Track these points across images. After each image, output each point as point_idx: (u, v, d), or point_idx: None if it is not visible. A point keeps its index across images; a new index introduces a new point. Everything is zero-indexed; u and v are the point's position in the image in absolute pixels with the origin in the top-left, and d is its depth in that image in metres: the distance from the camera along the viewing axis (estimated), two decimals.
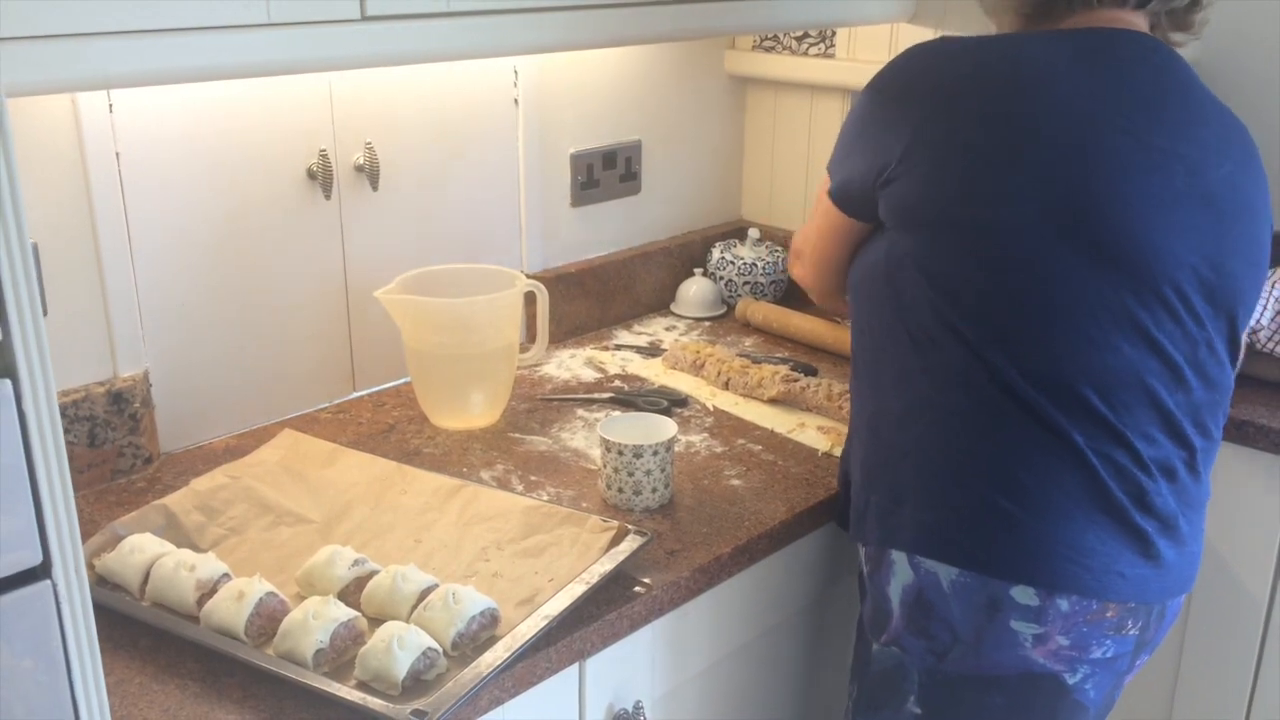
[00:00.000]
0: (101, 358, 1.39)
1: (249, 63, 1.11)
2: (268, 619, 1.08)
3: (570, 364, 1.81)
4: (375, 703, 0.98)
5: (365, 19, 1.15)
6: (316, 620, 1.05)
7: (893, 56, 1.18)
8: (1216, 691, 1.76)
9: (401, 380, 1.70)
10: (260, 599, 1.08)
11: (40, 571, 0.74)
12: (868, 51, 1.96)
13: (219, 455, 1.46)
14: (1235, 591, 1.72)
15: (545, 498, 1.36)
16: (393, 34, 1.17)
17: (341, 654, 1.06)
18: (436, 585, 1.12)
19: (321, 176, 1.54)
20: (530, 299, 1.67)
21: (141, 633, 1.10)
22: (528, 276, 1.78)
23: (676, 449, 1.42)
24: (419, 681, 1.03)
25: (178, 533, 1.24)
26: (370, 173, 1.59)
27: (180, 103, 1.40)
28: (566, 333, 1.92)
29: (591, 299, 1.95)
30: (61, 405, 1.34)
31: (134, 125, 1.36)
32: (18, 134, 1.27)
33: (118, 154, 1.36)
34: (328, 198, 1.56)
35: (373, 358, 1.69)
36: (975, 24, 1.33)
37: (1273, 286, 1.72)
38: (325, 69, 1.22)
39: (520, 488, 1.39)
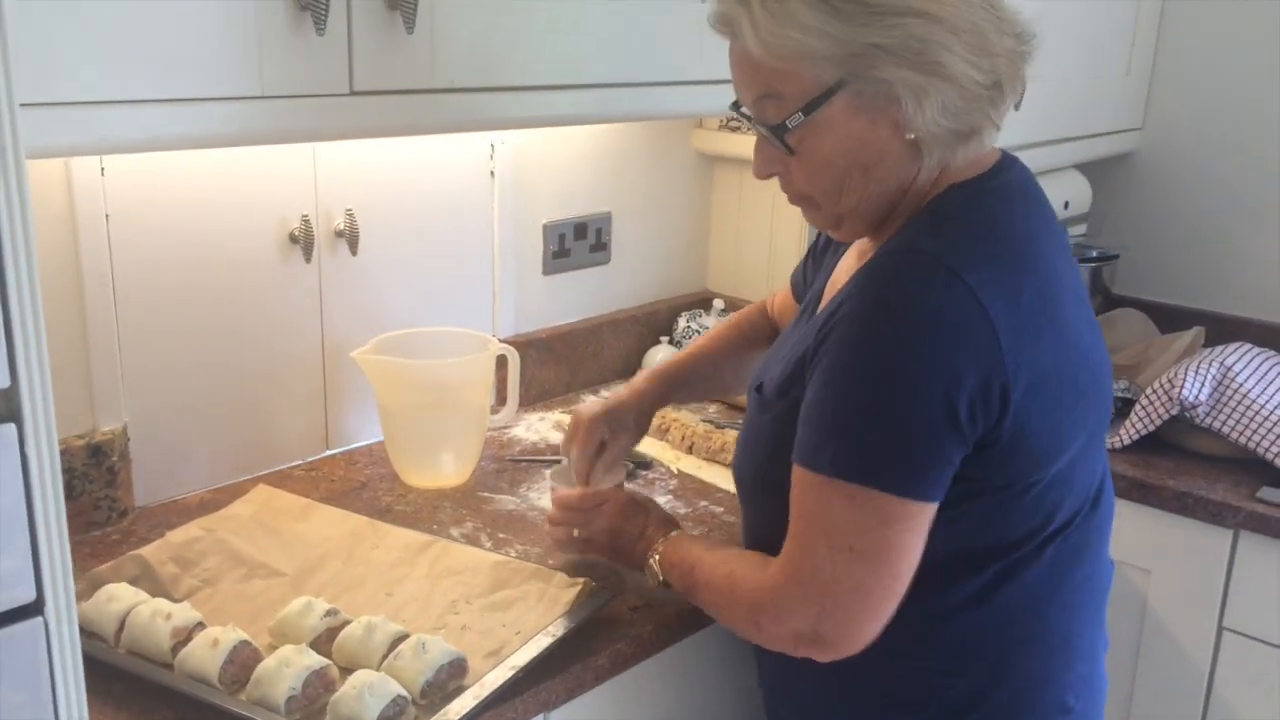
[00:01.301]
0: (81, 411, 1.43)
1: (242, 132, 1.16)
2: (241, 667, 1.11)
3: (539, 426, 1.86)
4: None
5: (353, 94, 1.22)
6: (289, 668, 1.08)
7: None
8: None
9: (374, 440, 1.74)
10: (234, 646, 1.11)
11: (33, 609, 0.77)
12: None
13: (193, 510, 1.49)
14: (1178, 658, 1.78)
15: (513, 554, 1.40)
16: (377, 108, 1.24)
17: (313, 701, 1.08)
18: (407, 635, 1.15)
19: (303, 240, 1.60)
20: (502, 362, 1.72)
21: (115, 679, 1.12)
22: (500, 341, 1.84)
23: None
24: None
25: (153, 583, 1.27)
26: (350, 238, 1.65)
27: (170, 167, 1.45)
28: (536, 396, 1.97)
29: (561, 364, 2.00)
30: None
31: (124, 187, 1.42)
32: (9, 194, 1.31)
33: (107, 215, 1.40)
34: (308, 261, 1.61)
35: (347, 417, 1.73)
36: None
37: (1209, 365, 1.81)
38: (313, 139, 1.28)
39: (489, 544, 1.43)
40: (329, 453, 1.71)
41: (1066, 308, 1.04)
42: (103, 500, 1.44)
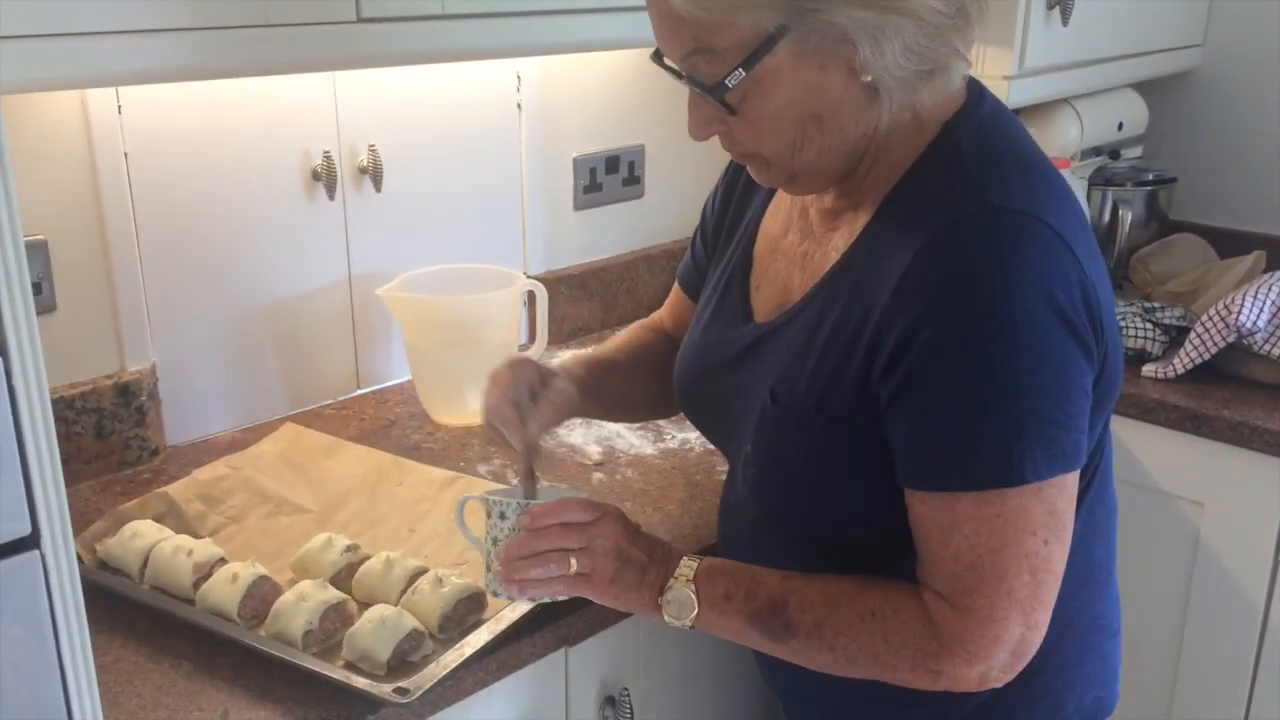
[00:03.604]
0: (109, 352, 1.43)
1: (247, 62, 1.14)
2: (260, 601, 1.11)
3: None
4: (359, 681, 1.01)
5: (361, 21, 1.18)
6: (306, 602, 1.07)
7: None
8: (1215, 695, 1.76)
9: (405, 378, 1.73)
10: (253, 581, 1.11)
11: (29, 542, 0.77)
12: None
13: (224, 448, 1.50)
14: (1232, 592, 1.73)
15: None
16: (387, 36, 1.21)
17: (331, 635, 1.08)
18: (426, 570, 1.14)
19: (326, 177, 1.58)
20: (533, 300, 1.70)
21: (139, 614, 1.13)
22: (530, 278, 1.82)
23: (671, 445, 1.44)
24: (405, 663, 1.05)
25: (178, 520, 1.27)
26: (374, 174, 1.63)
27: (188, 105, 1.44)
28: (569, 334, 1.94)
29: (594, 301, 1.97)
30: (69, 397, 1.38)
31: (142, 126, 1.40)
32: (28, 132, 1.31)
33: (126, 154, 1.40)
34: (331, 198, 1.60)
35: (377, 356, 1.72)
36: None
37: (1269, 290, 1.73)
38: (320, 69, 1.25)
39: (515, 482, 1.42)
40: (359, 391, 1.71)
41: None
42: (133, 439, 1.45)
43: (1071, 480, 0.88)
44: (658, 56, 0.94)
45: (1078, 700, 1.03)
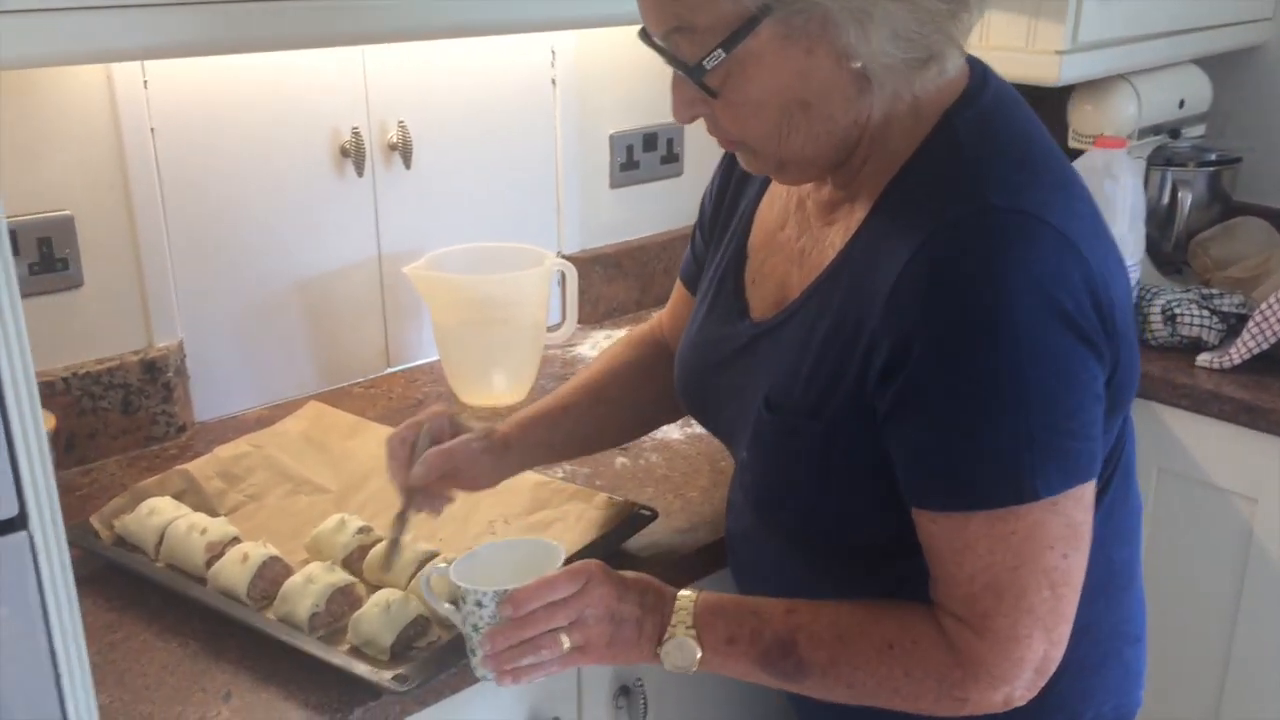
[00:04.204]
0: (136, 328, 1.44)
1: (267, 37, 1.13)
2: (270, 582, 1.10)
3: (604, 344, 1.80)
4: (360, 667, 0.99)
5: None
6: (314, 585, 1.07)
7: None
8: (1266, 696, 1.70)
9: (436, 357, 1.72)
10: (264, 562, 1.10)
11: (17, 523, 0.76)
12: None
13: (251, 425, 1.49)
14: None
15: (560, 475, 1.36)
16: (406, 8, 1.18)
17: (338, 619, 1.07)
18: (435, 554, 1.13)
19: (354, 154, 1.56)
20: (565, 280, 1.67)
21: (152, 592, 1.13)
22: (565, 257, 1.79)
23: (698, 429, 1.40)
24: (411, 649, 1.04)
25: (198, 497, 1.27)
26: (404, 150, 1.61)
27: (216, 80, 1.43)
28: (604, 314, 1.92)
29: (630, 281, 1.94)
30: (96, 373, 1.39)
31: (169, 101, 1.40)
32: (53, 107, 1.31)
33: (153, 129, 1.39)
34: (360, 175, 1.58)
35: (407, 334, 1.71)
36: None
37: None
38: (344, 44, 1.24)
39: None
40: (389, 370, 1.70)
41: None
42: (160, 415, 1.45)
43: (1089, 489, 0.84)
44: (645, 34, 0.89)
45: (1096, 709, 0.98)
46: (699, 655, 0.91)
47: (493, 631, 0.91)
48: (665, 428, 1.49)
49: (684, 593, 0.94)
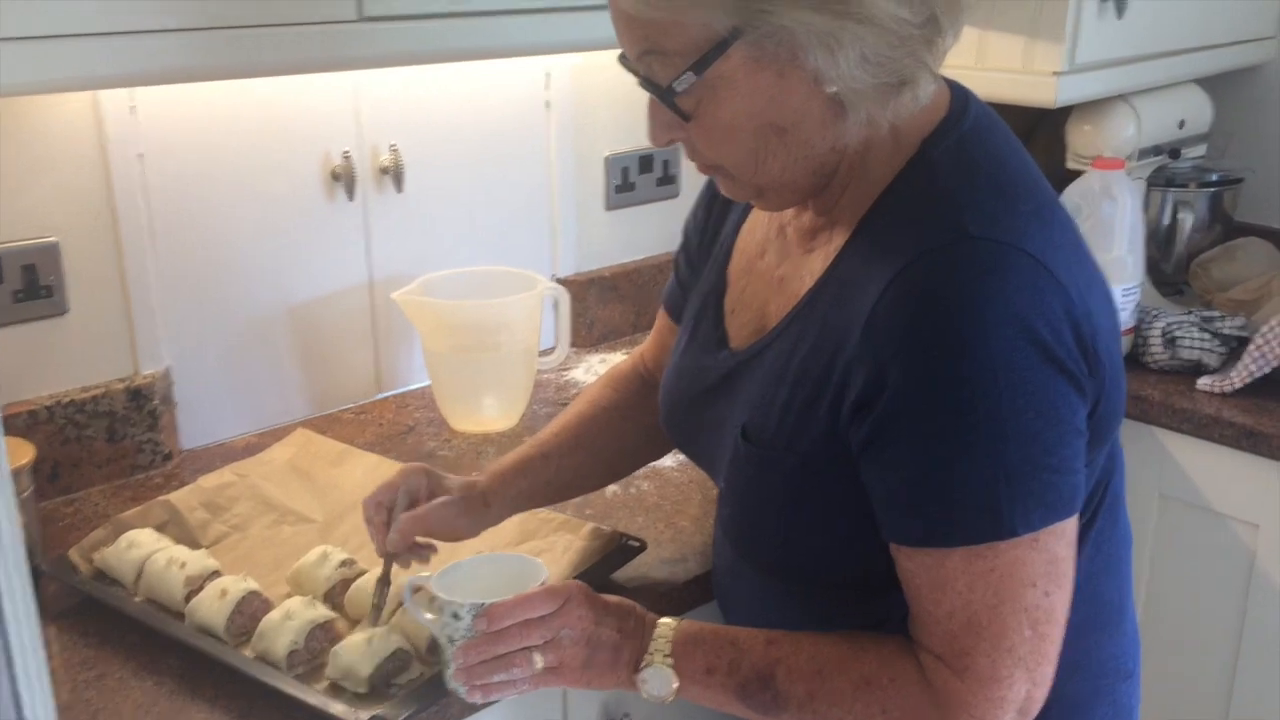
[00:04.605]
0: (122, 355, 1.42)
1: (244, 63, 1.11)
2: (249, 618, 1.08)
3: (599, 369, 1.79)
4: (336, 707, 0.97)
5: (362, 19, 1.15)
6: (292, 621, 1.05)
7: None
8: (1273, 707, 1.67)
9: (428, 383, 1.70)
10: (242, 597, 1.08)
11: None
12: None
13: (239, 453, 1.48)
14: None
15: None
16: (388, 35, 1.17)
17: (317, 655, 1.05)
18: (420, 588, 1.11)
19: (345, 178, 1.55)
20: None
21: (129, 628, 1.11)
22: (560, 280, 1.78)
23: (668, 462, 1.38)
24: (391, 685, 1.02)
25: (180, 529, 1.26)
26: (395, 174, 1.60)
27: (204, 105, 1.42)
28: (599, 338, 1.90)
29: (626, 304, 1.93)
30: (81, 401, 1.37)
31: (157, 127, 1.39)
32: (39, 133, 1.30)
33: (141, 155, 1.38)
34: (351, 199, 1.57)
35: (398, 360, 1.69)
36: None
37: None
38: (323, 70, 1.23)
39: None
40: (380, 396, 1.68)
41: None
42: (145, 444, 1.44)
43: (1071, 525, 0.82)
44: (623, 57, 0.89)
45: None
46: (675, 685, 0.90)
47: (466, 645, 0.90)
48: None
49: (664, 620, 0.93)
